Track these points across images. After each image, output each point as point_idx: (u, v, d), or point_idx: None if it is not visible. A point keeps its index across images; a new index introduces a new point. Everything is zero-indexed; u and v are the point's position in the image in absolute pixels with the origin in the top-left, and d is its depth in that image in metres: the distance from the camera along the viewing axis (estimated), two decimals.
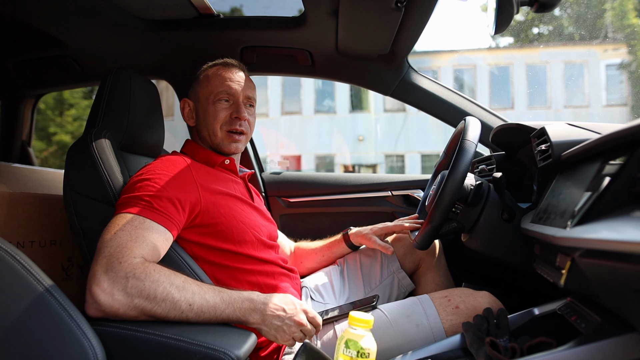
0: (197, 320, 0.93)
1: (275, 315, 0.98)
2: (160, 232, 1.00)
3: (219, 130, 1.30)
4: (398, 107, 14.75)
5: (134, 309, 0.89)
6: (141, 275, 0.90)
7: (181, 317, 0.92)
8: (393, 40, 1.54)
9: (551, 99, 14.66)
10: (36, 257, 1.31)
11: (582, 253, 0.69)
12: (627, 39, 11.04)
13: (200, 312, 0.93)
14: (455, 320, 1.14)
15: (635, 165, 0.65)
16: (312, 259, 1.59)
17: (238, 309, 0.97)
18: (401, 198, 1.94)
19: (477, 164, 1.61)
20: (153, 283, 0.90)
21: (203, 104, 1.33)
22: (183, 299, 0.92)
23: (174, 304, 0.91)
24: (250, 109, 1.35)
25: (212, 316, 0.94)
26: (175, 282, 0.93)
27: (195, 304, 0.93)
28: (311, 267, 1.58)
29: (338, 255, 1.58)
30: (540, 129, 1.09)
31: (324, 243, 1.60)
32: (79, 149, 1.15)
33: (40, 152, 9.87)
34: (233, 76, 1.33)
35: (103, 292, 0.87)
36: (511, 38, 14.60)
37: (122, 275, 0.89)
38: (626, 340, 0.69)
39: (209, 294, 0.95)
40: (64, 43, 1.67)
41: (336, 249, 1.56)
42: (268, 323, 0.98)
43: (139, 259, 0.92)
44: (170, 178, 1.09)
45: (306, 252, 1.61)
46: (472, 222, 1.19)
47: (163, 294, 0.90)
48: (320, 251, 1.58)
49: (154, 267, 0.93)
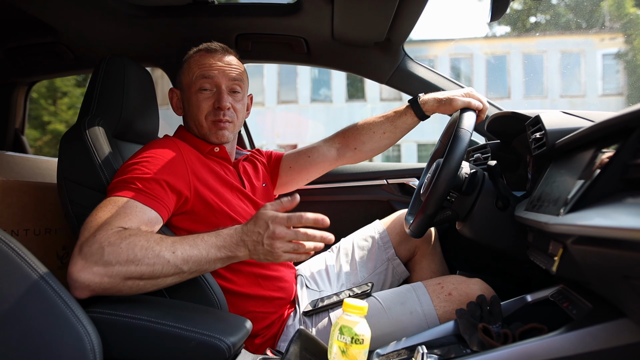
0: (188, 269, 0.90)
1: (255, 242, 0.92)
2: (146, 212, 0.98)
3: (204, 121, 1.25)
4: (394, 96, 14.72)
5: (118, 276, 0.85)
6: (116, 241, 0.86)
7: (168, 267, 0.88)
8: (389, 28, 1.53)
9: (547, 89, 14.67)
10: (31, 245, 1.31)
11: (574, 240, 0.69)
12: (624, 28, 11.02)
13: (188, 257, 0.90)
14: (449, 307, 1.15)
15: (627, 153, 0.66)
16: (370, 139, 1.43)
17: (222, 246, 0.93)
18: (397, 186, 1.94)
19: (472, 152, 1.61)
20: (129, 244, 0.86)
21: (187, 94, 1.28)
22: (164, 248, 0.89)
23: (156, 256, 0.87)
24: (235, 95, 1.28)
25: (201, 259, 0.91)
26: (152, 237, 0.90)
27: (178, 250, 0.89)
28: (372, 148, 1.45)
29: (403, 130, 1.41)
30: (534, 117, 1.09)
31: (381, 117, 1.43)
32: (73, 137, 1.14)
33: (34, 141, 9.79)
34: (214, 62, 1.25)
35: (81, 270, 0.84)
36: (508, 27, 14.54)
37: (96, 247, 0.85)
38: (616, 326, 0.70)
39: (188, 240, 0.92)
40: (56, 30, 1.65)
41: (400, 122, 1.40)
42: (254, 251, 0.93)
43: (115, 229, 0.89)
44: (160, 161, 1.08)
45: (361, 133, 1.44)
46: (467, 210, 1.20)
47: (142, 251, 0.87)
48: (380, 127, 1.42)
49: (129, 232, 0.89)
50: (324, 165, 1.51)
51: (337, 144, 1.50)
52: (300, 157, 1.50)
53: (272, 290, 1.24)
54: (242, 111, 1.31)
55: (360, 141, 1.46)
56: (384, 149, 1.47)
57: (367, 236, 1.50)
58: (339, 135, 1.50)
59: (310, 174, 1.52)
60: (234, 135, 1.32)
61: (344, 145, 1.49)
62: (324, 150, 1.49)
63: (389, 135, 1.43)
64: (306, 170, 1.50)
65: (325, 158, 1.49)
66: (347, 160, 1.51)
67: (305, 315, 1.23)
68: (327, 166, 1.51)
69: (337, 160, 1.50)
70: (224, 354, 0.84)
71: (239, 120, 1.31)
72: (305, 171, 1.50)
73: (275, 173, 1.51)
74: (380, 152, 1.49)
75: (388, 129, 1.43)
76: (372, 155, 1.49)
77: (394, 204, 1.91)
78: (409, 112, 1.39)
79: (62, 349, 0.78)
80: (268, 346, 1.21)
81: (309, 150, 1.50)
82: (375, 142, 1.45)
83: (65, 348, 0.78)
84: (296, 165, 1.50)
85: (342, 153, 1.49)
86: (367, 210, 1.96)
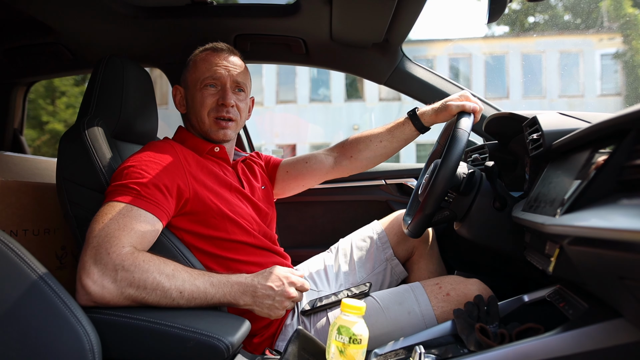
0: (189, 306, 0.96)
1: (265, 295, 1.02)
2: (149, 220, 1.00)
3: (207, 117, 1.27)
4: (393, 96, 14.73)
5: (125, 299, 0.91)
6: (130, 267, 0.91)
7: (172, 304, 0.94)
8: (387, 29, 1.53)
9: (546, 89, 14.68)
10: (30, 246, 1.31)
11: (571, 241, 0.70)
12: (623, 28, 11.03)
13: (192, 298, 0.96)
14: (447, 307, 1.16)
15: (623, 154, 0.66)
16: (367, 147, 1.44)
17: (228, 293, 1.00)
18: (395, 187, 1.94)
19: (470, 152, 1.61)
20: (143, 273, 0.91)
21: (191, 91, 1.30)
22: (173, 287, 0.94)
23: (164, 292, 0.93)
24: (239, 94, 1.30)
25: (203, 301, 0.97)
26: (165, 271, 0.94)
27: (186, 291, 0.95)
28: (368, 157, 1.46)
29: (400, 141, 1.42)
30: (532, 118, 1.10)
31: (381, 128, 1.44)
32: (72, 137, 1.15)
33: (32, 141, 9.77)
34: (221, 61, 1.28)
35: (94, 283, 0.89)
36: (507, 27, 14.55)
37: (111, 267, 0.90)
38: (612, 326, 0.71)
39: (199, 280, 0.97)
40: (55, 30, 1.65)
41: (398, 133, 1.41)
42: (259, 303, 1.02)
43: (127, 249, 0.93)
44: (157, 164, 1.09)
45: (358, 141, 1.47)
46: (465, 211, 1.20)
47: (153, 284, 0.92)
48: (377, 137, 1.44)
49: (143, 257, 0.93)
50: (320, 173, 1.51)
51: (335, 152, 1.52)
52: (298, 163, 1.51)
53: None
54: (244, 111, 1.33)
55: (357, 149, 1.46)
56: (381, 159, 1.47)
57: (366, 236, 1.51)
58: (338, 146, 1.53)
59: (306, 180, 1.52)
60: (235, 134, 1.33)
61: (340, 154, 1.50)
62: (321, 158, 1.50)
63: (385, 145, 1.43)
64: (302, 176, 1.51)
65: (322, 165, 1.50)
66: (343, 170, 1.51)
67: (304, 314, 1.24)
68: (324, 174, 1.52)
69: (333, 168, 1.51)
70: (223, 354, 0.85)
71: (241, 119, 1.32)
72: (302, 177, 1.51)
73: (273, 177, 1.52)
74: (377, 162, 1.48)
75: (385, 138, 1.43)
76: (368, 165, 1.49)
77: (392, 204, 1.92)
78: (408, 123, 1.39)
79: (61, 348, 0.78)
80: (266, 346, 1.21)
81: (307, 157, 1.52)
82: (371, 151, 1.45)
83: (64, 348, 0.79)
84: (293, 171, 1.51)
85: (338, 161, 1.50)
86: (365, 211, 1.96)
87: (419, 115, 1.38)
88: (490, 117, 1.42)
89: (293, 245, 1.91)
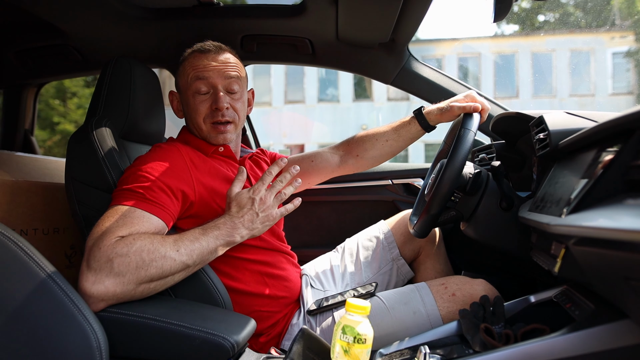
0: (193, 262, 0.97)
1: (250, 220, 1.04)
2: (152, 222, 1.00)
3: (203, 124, 1.23)
4: (402, 96, 14.68)
5: (130, 283, 0.89)
6: (123, 251, 0.89)
7: (175, 265, 0.94)
8: (393, 29, 1.53)
9: (556, 88, 14.54)
10: (39, 245, 1.33)
11: (576, 241, 0.69)
12: (634, 26, 10.90)
13: (191, 252, 0.96)
14: (452, 307, 1.16)
15: (629, 154, 0.65)
16: (373, 146, 1.45)
17: (220, 235, 1.01)
18: (401, 187, 1.94)
19: (477, 152, 1.61)
20: (137, 251, 0.90)
21: (184, 96, 1.27)
22: (168, 248, 0.94)
23: (163, 257, 0.92)
24: (233, 94, 1.25)
25: (204, 250, 0.99)
26: (155, 239, 0.94)
27: (181, 247, 0.95)
28: (374, 155, 1.46)
29: (406, 140, 1.43)
30: (538, 118, 1.09)
31: (387, 127, 1.44)
32: (80, 137, 1.16)
33: (43, 141, 9.89)
34: (209, 62, 1.23)
35: (93, 284, 0.87)
36: (516, 26, 14.44)
37: (104, 260, 0.88)
38: (618, 327, 0.70)
39: (188, 235, 0.99)
40: (65, 32, 1.67)
41: (404, 131, 1.41)
42: (254, 228, 1.05)
43: (117, 238, 0.92)
44: (163, 167, 1.09)
45: (364, 140, 1.47)
46: (471, 211, 1.20)
47: (149, 255, 0.91)
48: (383, 136, 1.44)
49: (132, 237, 0.92)
50: (325, 172, 1.52)
51: (340, 151, 1.52)
52: (304, 160, 1.51)
53: (278, 289, 1.25)
54: (242, 109, 1.29)
55: (363, 148, 1.47)
56: (387, 157, 1.48)
57: (372, 236, 1.51)
58: (343, 143, 1.53)
59: (312, 178, 1.52)
60: (236, 134, 1.30)
61: (347, 152, 1.51)
62: (327, 156, 1.50)
63: (391, 144, 1.44)
64: (308, 173, 1.50)
65: (328, 164, 1.50)
66: (349, 168, 1.52)
67: (310, 314, 1.24)
68: (329, 173, 1.52)
69: (339, 167, 1.51)
70: (228, 353, 0.85)
71: (240, 118, 1.29)
72: (307, 175, 1.50)
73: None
74: (382, 160, 1.49)
75: (391, 137, 1.44)
76: (374, 164, 1.50)
77: (399, 204, 1.91)
78: (414, 122, 1.40)
79: (69, 346, 0.80)
80: (272, 345, 1.22)
81: (313, 154, 1.52)
82: (377, 150, 1.46)
83: (72, 345, 0.80)
84: None
85: (344, 160, 1.51)
86: (372, 210, 1.96)
87: (425, 114, 1.38)
88: (497, 117, 1.42)
89: (300, 245, 1.91)
